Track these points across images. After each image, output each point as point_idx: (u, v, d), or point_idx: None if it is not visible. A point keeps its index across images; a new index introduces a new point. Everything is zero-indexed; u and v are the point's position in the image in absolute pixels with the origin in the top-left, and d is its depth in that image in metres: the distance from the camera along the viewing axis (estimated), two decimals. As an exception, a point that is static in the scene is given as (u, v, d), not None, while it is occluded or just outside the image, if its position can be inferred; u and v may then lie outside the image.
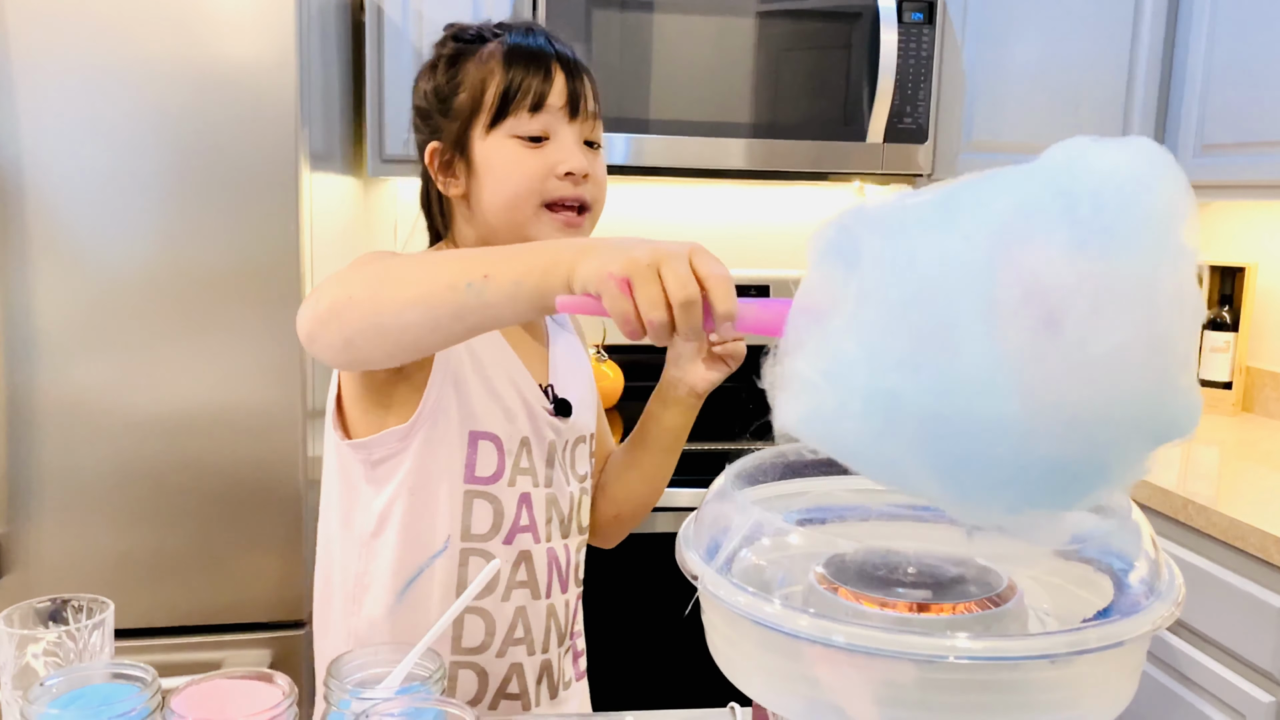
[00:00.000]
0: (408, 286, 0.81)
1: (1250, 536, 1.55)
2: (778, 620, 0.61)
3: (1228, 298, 2.42)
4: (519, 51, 1.03)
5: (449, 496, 1.02)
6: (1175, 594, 0.61)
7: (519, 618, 1.06)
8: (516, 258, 0.78)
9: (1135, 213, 0.54)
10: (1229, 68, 2.15)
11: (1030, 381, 0.53)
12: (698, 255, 0.69)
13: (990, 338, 0.53)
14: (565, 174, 1.02)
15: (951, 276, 0.54)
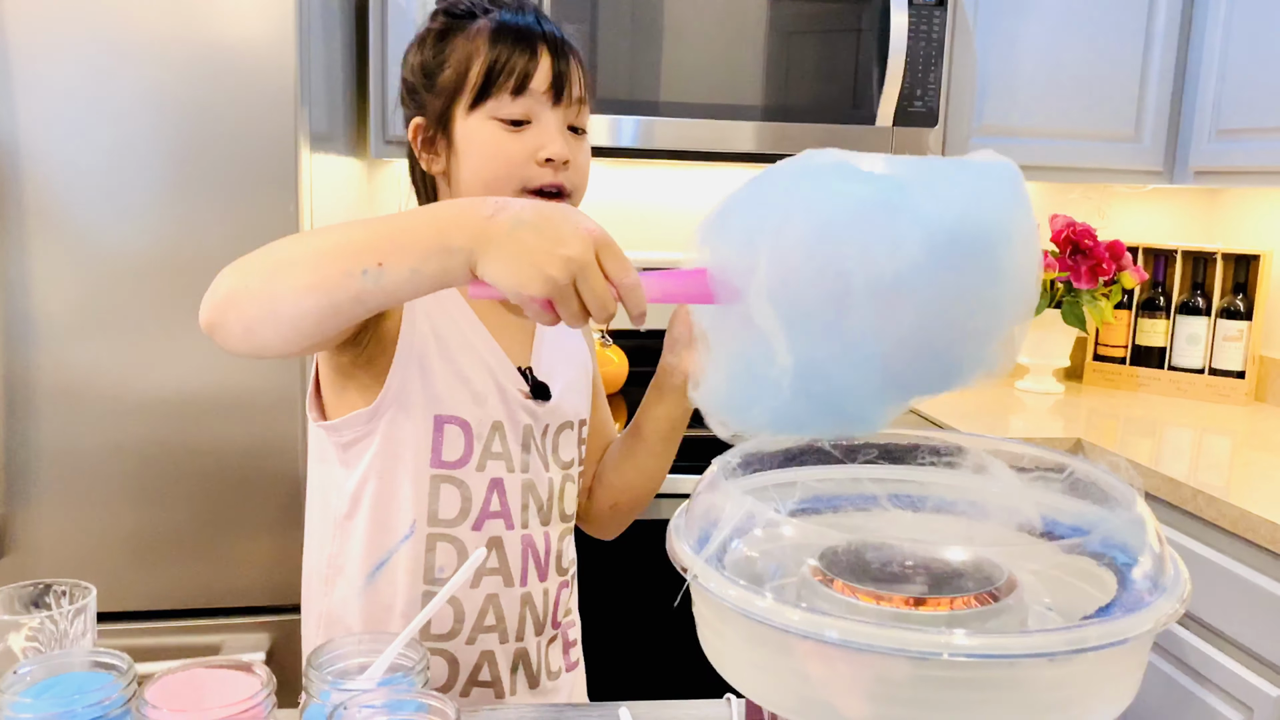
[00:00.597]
0: (302, 273, 0.79)
1: (1261, 528, 1.52)
2: (768, 615, 0.59)
3: (1241, 286, 2.38)
4: (505, 30, 1.01)
5: (414, 480, 1.01)
6: (1180, 590, 0.59)
7: (490, 605, 1.04)
8: (407, 240, 0.76)
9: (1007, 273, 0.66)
10: (1246, 51, 2.11)
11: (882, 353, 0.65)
12: (607, 257, 0.72)
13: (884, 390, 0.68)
14: (545, 160, 1.00)
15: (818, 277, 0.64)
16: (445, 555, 1.02)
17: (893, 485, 0.78)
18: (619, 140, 2.10)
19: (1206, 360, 2.42)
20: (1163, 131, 2.28)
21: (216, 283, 0.85)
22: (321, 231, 0.84)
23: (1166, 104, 2.27)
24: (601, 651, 1.97)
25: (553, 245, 0.71)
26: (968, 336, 0.66)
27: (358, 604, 1.03)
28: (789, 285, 0.65)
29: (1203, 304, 2.42)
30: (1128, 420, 2.23)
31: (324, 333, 0.85)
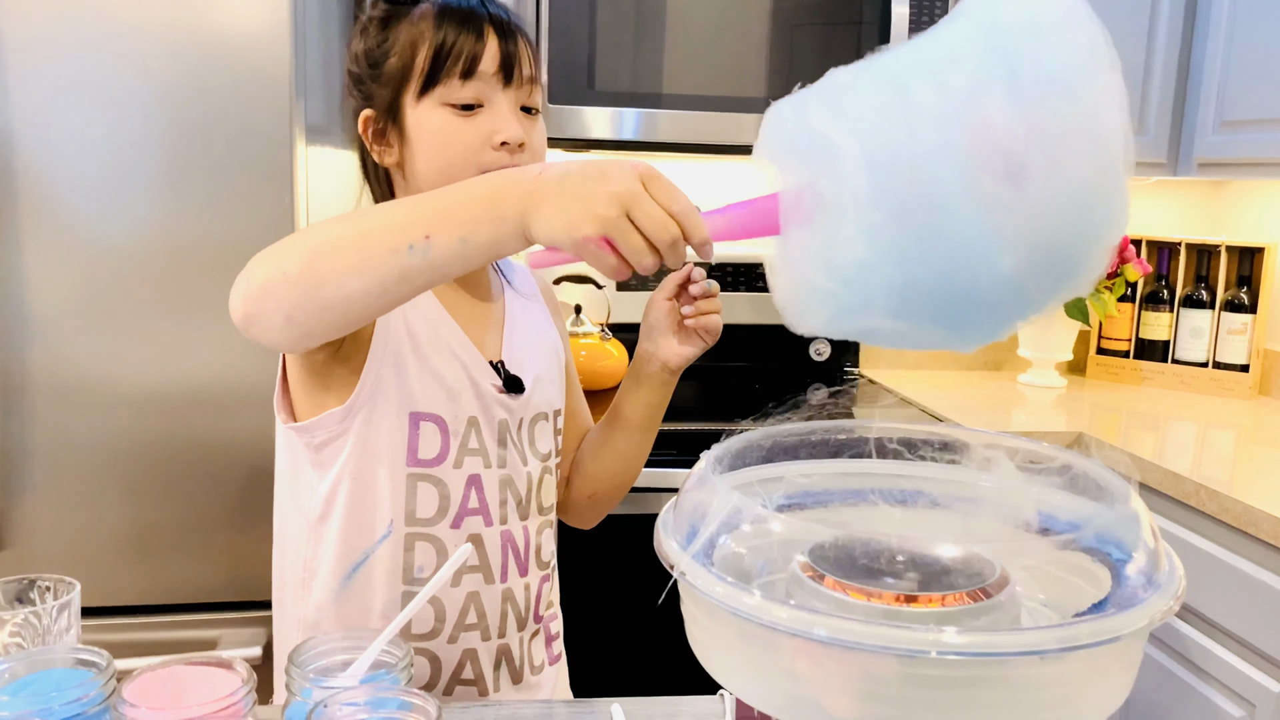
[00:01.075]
0: (345, 254, 0.77)
1: (1263, 523, 1.51)
2: (756, 612, 0.58)
3: (1246, 279, 2.36)
4: (449, 14, 0.99)
5: (391, 480, 0.99)
6: (1175, 586, 0.58)
7: (470, 603, 1.03)
8: (454, 209, 0.75)
9: (1066, 61, 0.61)
10: (1249, 42, 2.09)
11: (1013, 237, 0.61)
12: (655, 187, 0.70)
13: (975, 212, 0.60)
14: (501, 144, 0.98)
15: (931, 164, 0.61)
16: (424, 555, 1.01)
17: (883, 480, 0.77)
18: (621, 133, 2.08)
19: (1210, 354, 2.40)
20: (1166, 123, 2.26)
21: (248, 273, 0.82)
22: (360, 213, 0.82)
23: (1170, 96, 2.25)
24: (587, 646, 1.96)
25: (599, 184, 0.69)
26: (1084, 175, 0.61)
27: (334, 608, 1.01)
28: (886, 162, 0.63)
29: (1207, 297, 2.40)
30: (1131, 414, 2.22)
31: (371, 315, 0.84)
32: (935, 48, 0.64)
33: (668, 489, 1.89)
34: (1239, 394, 2.36)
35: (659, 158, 2.47)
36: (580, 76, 2.04)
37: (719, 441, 0.73)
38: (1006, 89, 0.60)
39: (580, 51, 2.03)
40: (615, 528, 1.29)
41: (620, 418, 1.16)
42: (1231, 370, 2.37)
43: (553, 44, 2.02)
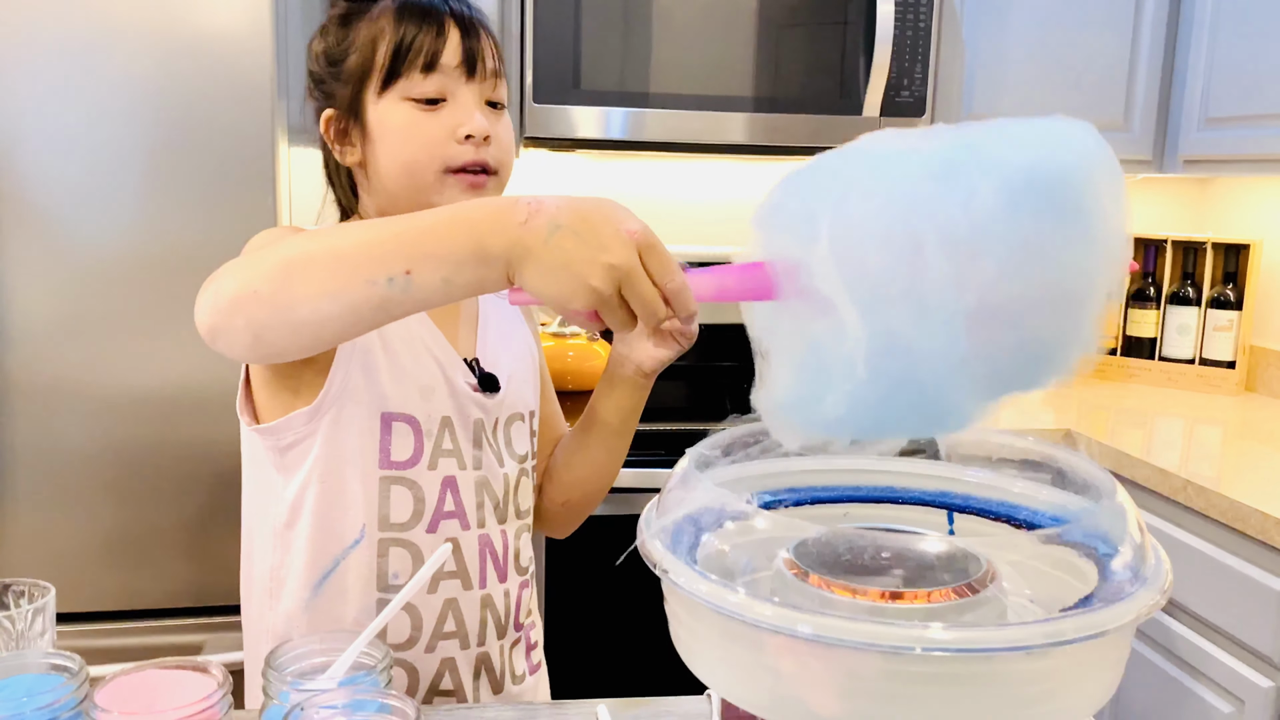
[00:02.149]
0: (320, 279, 0.74)
1: (1251, 519, 1.51)
2: (739, 609, 0.58)
3: (1232, 275, 2.37)
4: (409, 9, 0.97)
5: (363, 483, 0.96)
6: (1161, 580, 0.57)
7: (449, 610, 1.00)
8: (435, 246, 0.71)
9: (1094, 227, 0.59)
10: (1234, 39, 2.09)
11: (964, 313, 0.58)
12: (652, 262, 0.67)
13: (973, 377, 0.60)
14: (465, 137, 0.96)
15: (932, 359, 0.59)
16: (400, 561, 0.98)
17: (868, 476, 0.76)
18: (608, 133, 2.08)
19: (1197, 350, 2.41)
20: (1151, 120, 2.26)
21: (217, 285, 0.80)
22: (338, 231, 0.79)
23: (1155, 92, 2.25)
24: (571, 648, 1.95)
25: (594, 253, 0.66)
26: (1058, 302, 0.59)
27: (305, 617, 0.98)
28: (855, 249, 0.59)
29: (1193, 294, 2.41)
30: (1118, 411, 2.22)
31: (342, 339, 0.82)
32: (954, 200, 0.59)
33: (653, 489, 1.88)
34: (1226, 390, 2.36)
35: (645, 157, 2.47)
36: (566, 76, 2.04)
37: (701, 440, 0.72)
38: (1036, 273, 0.58)
39: (565, 51, 2.02)
40: (600, 529, 1.28)
41: (594, 422, 1.13)
42: (1218, 367, 2.38)
43: (538, 43, 2.01)
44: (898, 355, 0.59)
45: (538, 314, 2.38)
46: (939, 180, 0.59)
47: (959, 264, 0.57)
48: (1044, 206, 0.57)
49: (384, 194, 1.00)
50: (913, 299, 0.58)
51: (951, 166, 0.59)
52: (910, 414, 0.63)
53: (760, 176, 2.57)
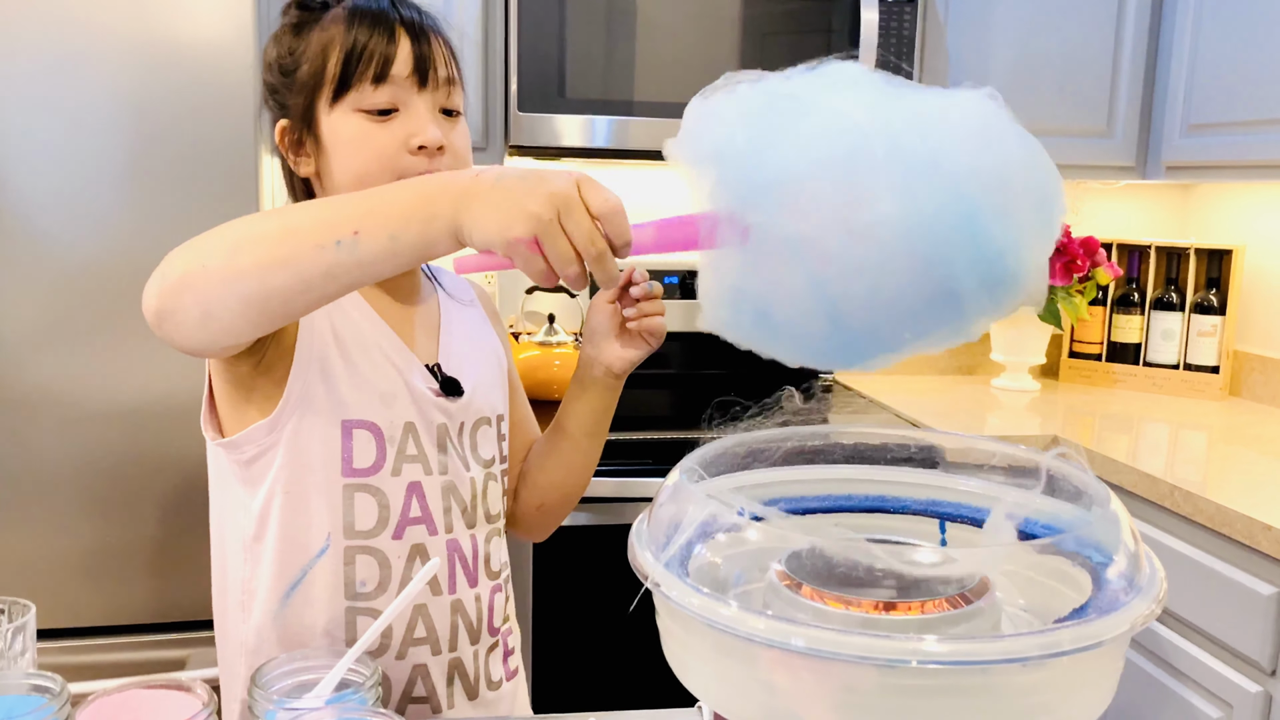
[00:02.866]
0: (269, 247, 0.74)
1: (1237, 523, 1.51)
2: (732, 623, 0.57)
3: (1215, 281, 2.38)
4: (359, 17, 0.96)
5: (326, 492, 0.95)
6: (1156, 589, 0.57)
7: (418, 616, 0.99)
8: (385, 207, 0.73)
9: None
10: (1215, 46, 2.11)
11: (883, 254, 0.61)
12: (588, 190, 0.69)
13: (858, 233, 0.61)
14: (418, 148, 0.95)
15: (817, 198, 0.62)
16: (367, 568, 0.97)
17: (861, 485, 0.76)
18: (592, 140, 2.07)
19: (1181, 355, 2.41)
20: (1134, 127, 2.28)
21: (166, 266, 0.78)
22: (289, 208, 0.79)
23: (1138, 99, 2.26)
24: (559, 660, 1.94)
25: (535, 185, 0.69)
26: (990, 223, 0.62)
27: (274, 629, 0.97)
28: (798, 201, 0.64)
29: (1176, 299, 2.42)
30: (1104, 417, 2.22)
31: (293, 313, 0.81)
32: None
33: (641, 499, 1.87)
34: (1210, 395, 2.37)
35: (630, 165, 2.47)
36: (551, 84, 2.03)
37: (694, 449, 0.71)
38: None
39: (550, 59, 2.02)
40: (587, 538, 1.27)
41: (566, 425, 1.13)
42: (1202, 372, 2.39)
43: (522, 52, 2.01)
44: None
45: (523, 323, 2.37)
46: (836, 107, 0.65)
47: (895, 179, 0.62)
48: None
49: None
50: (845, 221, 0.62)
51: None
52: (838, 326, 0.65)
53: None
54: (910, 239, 0.61)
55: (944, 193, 0.61)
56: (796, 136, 0.64)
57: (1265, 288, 2.37)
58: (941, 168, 0.62)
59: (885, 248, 0.61)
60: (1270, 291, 2.36)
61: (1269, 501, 1.56)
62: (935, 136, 0.63)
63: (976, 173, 0.62)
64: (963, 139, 0.64)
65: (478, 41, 2.07)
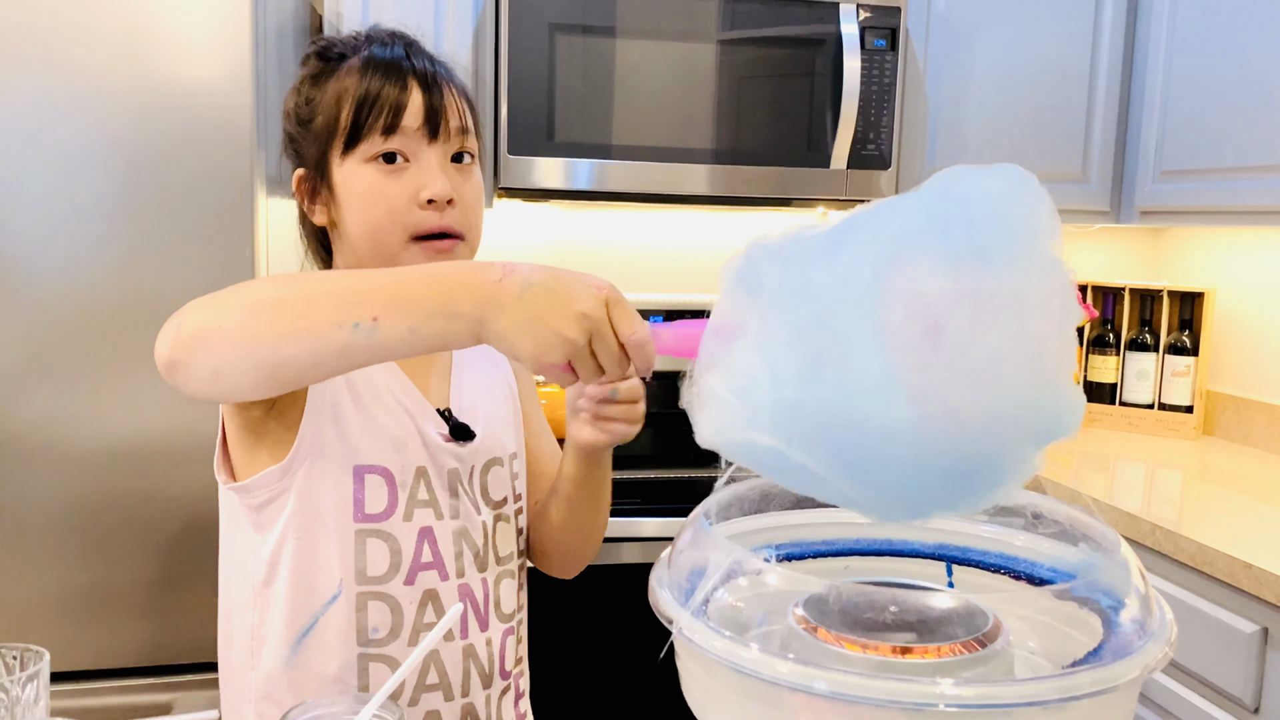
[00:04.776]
0: (287, 317, 0.75)
1: (1218, 561, 1.54)
2: (756, 666, 0.58)
3: (1187, 322, 2.44)
4: (372, 68, 0.97)
5: (338, 538, 0.95)
6: (1168, 633, 0.59)
7: (430, 662, 0.98)
8: (408, 296, 0.73)
9: (1004, 231, 0.59)
10: (1185, 96, 2.17)
11: (918, 388, 0.57)
12: (618, 317, 0.70)
13: (879, 350, 0.57)
14: (427, 201, 0.96)
15: (841, 297, 0.59)
16: (379, 614, 0.97)
17: (868, 529, 0.78)
18: (574, 183, 2.10)
19: (1156, 395, 2.46)
20: (1109, 173, 2.34)
21: (182, 318, 0.79)
22: (310, 276, 0.79)
23: (1111, 147, 2.33)
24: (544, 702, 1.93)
25: (566, 304, 0.69)
26: (1009, 346, 0.57)
27: (286, 676, 0.96)
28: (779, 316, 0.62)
29: (1150, 340, 2.47)
30: (1082, 455, 2.26)
31: (303, 383, 0.81)
32: (885, 209, 0.62)
33: (630, 539, 1.88)
34: (1184, 434, 2.42)
35: (618, 207, 2.50)
36: (540, 128, 2.06)
37: (711, 490, 0.73)
38: (940, 249, 0.58)
39: (540, 103, 2.05)
40: (579, 579, 1.26)
41: (557, 490, 1.12)
42: (1176, 411, 2.44)
43: (512, 96, 2.03)
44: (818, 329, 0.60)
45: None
46: (867, 213, 0.63)
47: (869, 251, 0.60)
48: (954, 215, 0.60)
49: (353, 255, 1.00)
50: (827, 273, 0.61)
51: (878, 205, 0.63)
52: (825, 382, 0.59)
53: (732, 226, 2.61)
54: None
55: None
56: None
57: (1236, 329, 2.43)
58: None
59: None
60: (1241, 333, 2.42)
61: (1247, 539, 1.59)
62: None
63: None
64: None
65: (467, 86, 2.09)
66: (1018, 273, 0.58)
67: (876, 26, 2.16)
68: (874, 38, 2.15)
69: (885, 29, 2.16)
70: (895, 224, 0.61)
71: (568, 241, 2.51)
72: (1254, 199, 2.00)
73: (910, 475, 0.59)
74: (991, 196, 0.60)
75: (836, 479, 0.61)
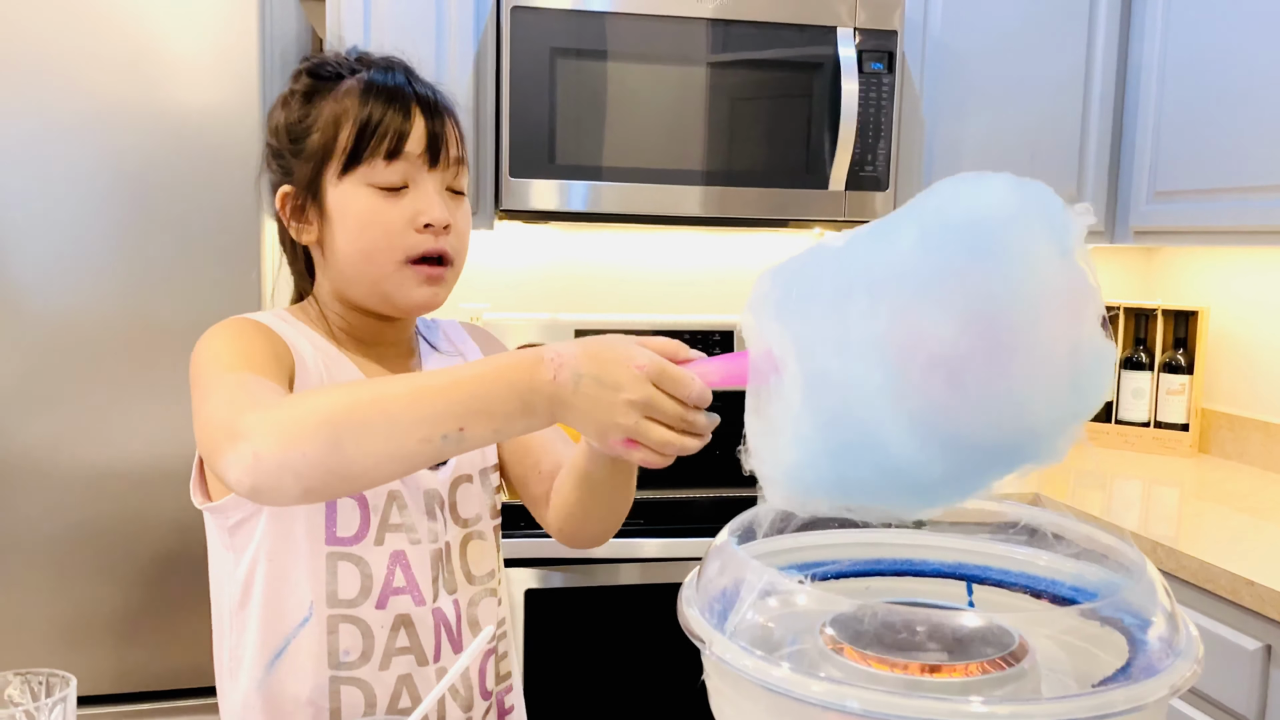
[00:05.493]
0: (374, 440, 0.76)
1: (1221, 579, 1.55)
2: (789, 685, 0.59)
3: (1182, 341, 2.46)
4: (375, 91, 0.96)
5: (309, 560, 0.95)
6: (1195, 650, 0.60)
7: (402, 686, 0.98)
8: (485, 406, 0.76)
9: (1011, 259, 0.62)
10: (1178, 118, 2.20)
11: (945, 440, 0.62)
12: (667, 384, 0.74)
13: (902, 429, 0.62)
14: (425, 226, 0.96)
15: (861, 385, 0.63)
16: (350, 637, 0.96)
17: (889, 549, 0.79)
18: (585, 206, 2.11)
19: (1152, 413, 2.48)
20: (1103, 193, 2.36)
21: (254, 445, 0.77)
22: (376, 385, 0.78)
23: (1105, 168, 2.36)
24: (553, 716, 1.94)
25: (614, 394, 0.74)
26: (992, 345, 0.61)
27: (260, 696, 0.96)
28: (800, 312, 0.67)
29: (1145, 359, 2.49)
30: (1079, 473, 2.27)
31: (391, 481, 0.86)
32: (885, 250, 0.65)
33: (633, 559, 1.88)
34: (1180, 452, 2.44)
35: (621, 229, 2.51)
36: (541, 151, 2.07)
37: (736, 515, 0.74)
38: (947, 296, 0.61)
39: (540, 127, 2.06)
40: (581, 600, 1.26)
41: (577, 476, 1.06)
42: (1172, 429, 2.45)
43: (514, 119, 2.05)
44: (829, 389, 0.64)
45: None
46: (873, 237, 0.67)
47: (874, 296, 0.63)
48: (955, 241, 0.63)
49: (339, 275, 1.00)
50: (837, 334, 0.64)
51: (885, 223, 0.67)
52: (864, 465, 0.65)
53: (731, 247, 2.62)
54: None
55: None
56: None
57: (1230, 348, 2.45)
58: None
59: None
60: (1235, 351, 2.44)
61: (1246, 556, 1.61)
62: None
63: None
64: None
65: (469, 109, 2.11)
66: (1032, 308, 0.61)
67: (874, 50, 2.18)
68: (871, 60, 2.18)
69: (882, 52, 2.18)
70: (899, 278, 0.63)
71: (568, 263, 2.52)
72: (1247, 219, 2.02)
73: (953, 494, 0.67)
74: (992, 216, 0.63)
75: (884, 510, 0.68)
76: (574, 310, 2.52)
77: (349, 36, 2.02)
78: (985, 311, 0.61)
